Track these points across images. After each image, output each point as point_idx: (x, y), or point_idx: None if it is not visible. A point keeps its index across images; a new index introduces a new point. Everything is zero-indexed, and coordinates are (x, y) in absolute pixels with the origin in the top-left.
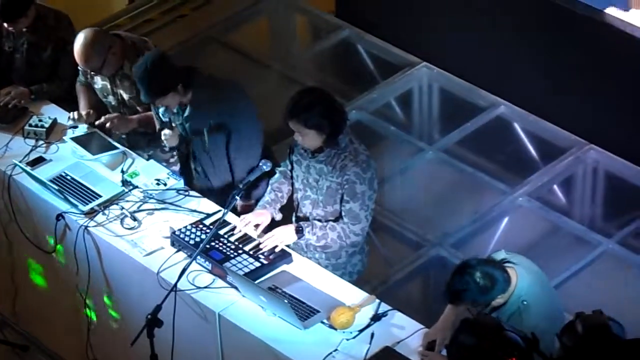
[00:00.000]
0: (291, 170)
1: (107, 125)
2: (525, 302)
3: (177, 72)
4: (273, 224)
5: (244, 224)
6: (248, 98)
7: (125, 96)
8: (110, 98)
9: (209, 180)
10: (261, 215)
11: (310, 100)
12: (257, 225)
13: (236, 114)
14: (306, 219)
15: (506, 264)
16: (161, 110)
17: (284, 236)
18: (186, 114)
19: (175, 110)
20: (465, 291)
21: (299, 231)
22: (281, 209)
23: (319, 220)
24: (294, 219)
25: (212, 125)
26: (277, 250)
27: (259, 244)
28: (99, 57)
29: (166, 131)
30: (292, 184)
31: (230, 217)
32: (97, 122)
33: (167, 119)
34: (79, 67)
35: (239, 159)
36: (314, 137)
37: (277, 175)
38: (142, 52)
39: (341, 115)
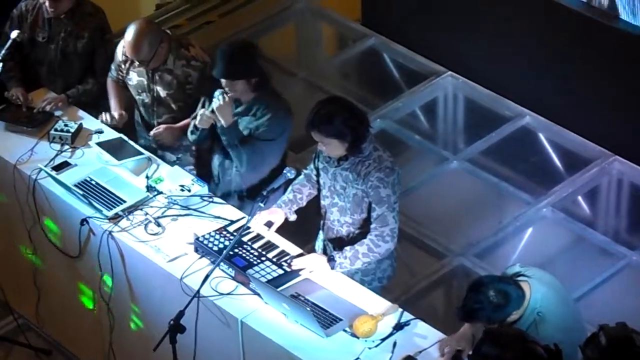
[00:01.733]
0: (317, 177)
1: (156, 137)
2: (540, 314)
3: (259, 68)
4: (286, 224)
5: (258, 223)
6: (291, 123)
7: (162, 93)
8: (144, 95)
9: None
10: (274, 214)
11: (330, 110)
12: (270, 224)
13: (276, 132)
14: (334, 232)
15: (519, 278)
16: (217, 93)
17: (315, 265)
18: (238, 109)
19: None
20: (479, 310)
21: (331, 259)
22: (304, 214)
23: (349, 231)
24: (321, 225)
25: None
26: (303, 272)
27: (283, 251)
28: (150, 48)
29: (206, 112)
30: (319, 191)
31: (254, 223)
32: (151, 133)
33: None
34: (112, 63)
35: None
36: (337, 146)
37: (301, 177)
38: (187, 48)
39: (363, 124)
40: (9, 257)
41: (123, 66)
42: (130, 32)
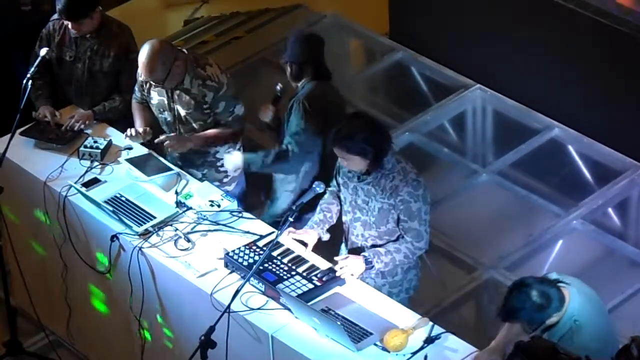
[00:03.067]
0: (338, 192)
1: (165, 144)
2: (577, 322)
3: (319, 58)
4: (320, 244)
5: (289, 239)
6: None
7: (182, 112)
8: (166, 114)
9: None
10: (307, 235)
11: (352, 127)
12: (304, 244)
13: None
14: (358, 246)
15: (559, 284)
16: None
17: (354, 268)
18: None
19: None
20: (521, 309)
21: (367, 262)
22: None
23: (374, 244)
24: (343, 241)
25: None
26: (348, 279)
27: (313, 265)
28: (164, 68)
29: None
30: (341, 205)
31: (284, 238)
32: (156, 140)
33: (279, 94)
34: (135, 85)
35: None
36: (359, 162)
37: (326, 196)
38: (203, 68)
39: (385, 139)
40: (40, 274)
41: (144, 86)
42: (143, 53)
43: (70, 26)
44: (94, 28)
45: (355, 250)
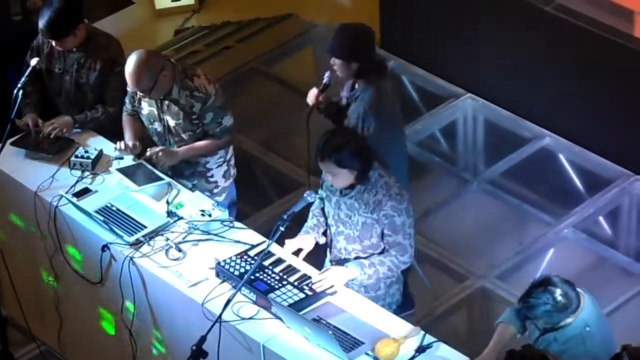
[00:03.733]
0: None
1: (153, 158)
2: (589, 329)
3: (370, 53)
4: (317, 248)
5: (289, 250)
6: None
7: (172, 122)
8: (157, 124)
9: None
10: (305, 240)
11: (340, 141)
12: (300, 250)
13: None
14: (341, 258)
15: (577, 289)
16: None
17: (337, 277)
18: (357, 94)
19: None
20: (543, 307)
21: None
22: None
23: (358, 256)
24: (328, 253)
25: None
26: (331, 291)
27: (304, 275)
28: (150, 77)
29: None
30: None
31: (275, 248)
32: (142, 157)
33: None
34: (125, 97)
35: None
36: (346, 176)
37: (317, 202)
38: (191, 79)
39: (370, 152)
40: (31, 284)
41: (135, 97)
42: (129, 63)
43: (54, 43)
44: (80, 42)
45: (339, 263)
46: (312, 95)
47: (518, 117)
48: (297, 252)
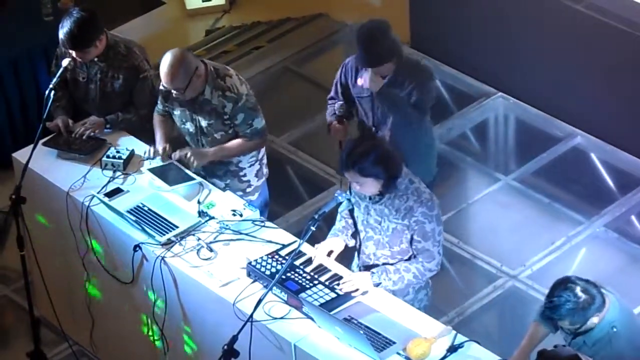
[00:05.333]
0: (352, 211)
1: (184, 159)
2: (615, 329)
3: (397, 46)
4: (346, 250)
5: (319, 252)
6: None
7: (204, 123)
8: (189, 125)
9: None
10: (334, 243)
11: (364, 149)
12: (330, 252)
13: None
14: (369, 264)
15: (602, 289)
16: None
17: (360, 283)
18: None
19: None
20: (565, 305)
21: (374, 279)
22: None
23: (386, 262)
24: (356, 258)
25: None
26: (355, 294)
27: (335, 274)
28: (185, 76)
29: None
30: (355, 223)
31: (306, 247)
32: (172, 156)
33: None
34: (158, 96)
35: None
36: (372, 184)
37: (345, 203)
38: (223, 79)
39: (397, 160)
40: (63, 284)
41: (168, 97)
42: (165, 61)
43: (74, 54)
44: (101, 52)
45: (367, 268)
46: (336, 130)
47: (549, 116)
48: (327, 255)
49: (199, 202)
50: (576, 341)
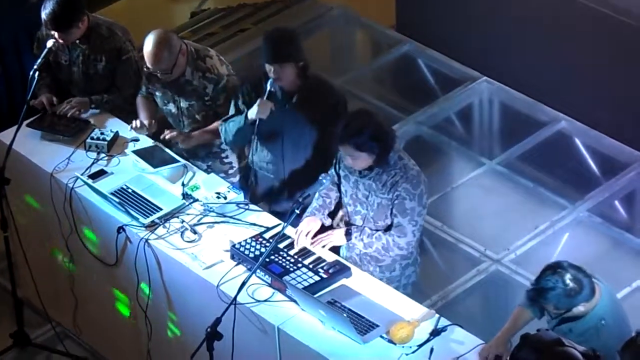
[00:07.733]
0: (339, 184)
1: (173, 139)
2: (604, 322)
3: (304, 55)
4: (322, 229)
5: (297, 234)
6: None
7: (185, 104)
8: (171, 106)
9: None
10: (312, 222)
11: (359, 124)
12: (308, 233)
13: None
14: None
15: (593, 278)
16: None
17: (334, 237)
18: (294, 100)
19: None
20: (552, 290)
21: (348, 234)
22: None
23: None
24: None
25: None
26: (326, 248)
27: (319, 257)
28: (170, 57)
29: (265, 101)
30: (341, 197)
31: (290, 230)
32: (161, 136)
33: (272, 89)
34: (137, 80)
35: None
36: (365, 159)
37: (326, 182)
38: (203, 60)
39: (390, 135)
40: (46, 265)
41: (151, 79)
42: (149, 42)
43: (57, 36)
44: (83, 34)
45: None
46: (266, 107)
47: (534, 101)
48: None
49: (183, 185)
50: (561, 328)
